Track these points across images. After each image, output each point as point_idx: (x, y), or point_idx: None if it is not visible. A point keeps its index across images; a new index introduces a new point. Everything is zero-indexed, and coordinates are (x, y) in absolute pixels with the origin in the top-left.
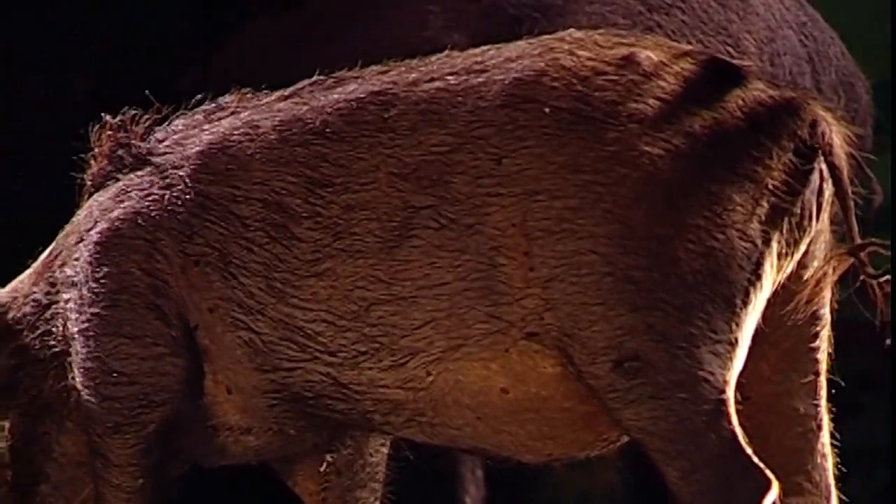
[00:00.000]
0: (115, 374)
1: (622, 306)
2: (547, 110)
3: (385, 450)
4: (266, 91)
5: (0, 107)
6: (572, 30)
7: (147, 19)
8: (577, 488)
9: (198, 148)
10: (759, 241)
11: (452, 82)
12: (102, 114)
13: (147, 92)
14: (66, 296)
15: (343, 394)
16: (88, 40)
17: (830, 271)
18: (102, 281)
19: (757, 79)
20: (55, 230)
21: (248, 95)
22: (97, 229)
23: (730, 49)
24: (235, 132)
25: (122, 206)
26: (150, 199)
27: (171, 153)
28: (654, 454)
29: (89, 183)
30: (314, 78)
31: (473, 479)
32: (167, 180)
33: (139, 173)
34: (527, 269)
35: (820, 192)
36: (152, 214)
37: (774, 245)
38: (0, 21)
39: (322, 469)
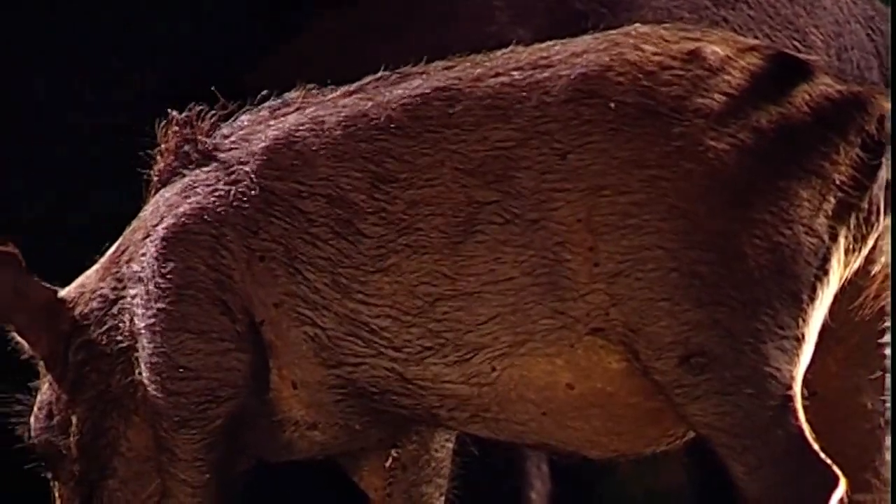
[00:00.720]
0: (181, 370)
1: (688, 302)
2: (612, 105)
3: (450, 445)
4: (331, 87)
5: (65, 104)
6: (638, 24)
7: (213, 16)
8: (643, 484)
9: (263, 144)
10: (825, 237)
11: (517, 77)
12: (169, 110)
13: (213, 88)
14: (132, 291)
15: (408, 389)
16: (155, 38)
17: None
18: (168, 276)
19: (824, 73)
20: (123, 226)
21: (313, 91)
22: (163, 225)
23: (797, 43)
24: (300, 128)
25: (187, 201)
26: (215, 194)
27: (236, 149)
28: (720, 450)
29: (155, 178)
30: (379, 73)
31: (539, 474)
32: (232, 176)
33: (205, 169)
34: (592, 265)
35: (888, 187)
36: (218, 210)
37: (841, 240)
38: (67, 20)
39: (387, 464)
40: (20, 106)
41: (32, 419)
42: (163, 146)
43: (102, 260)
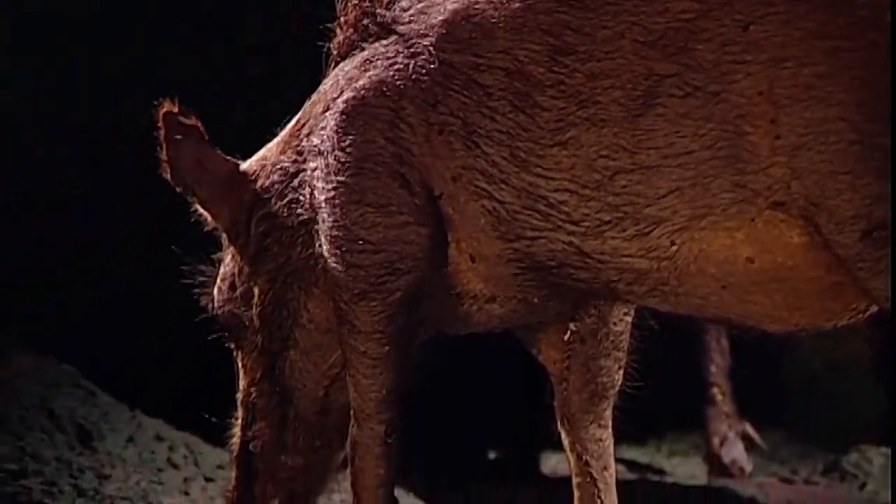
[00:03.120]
0: (360, 243)
1: (871, 174)
2: None
3: (629, 318)
4: None
5: None
6: None
7: None
8: (824, 358)
9: (442, 16)
10: None
11: None
12: None
13: None
14: (312, 164)
15: (586, 263)
16: None
17: None
18: (347, 149)
19: None
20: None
21: None
22: (343, 98)
23: None
24: (479, 0)
25: (367, 75)
26: (394, 68)
27: (415, 22)
28: None
29: (335, 52)
30: None
31: (718, 348)
32: (411, 49)
33: (384, 42)
34: (773, 138)
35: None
36: (397, 83)
37: None
38: None
39: (565, 338)
40: None
41: (216, 290)
42: (342, 19)
43: (283, 133)
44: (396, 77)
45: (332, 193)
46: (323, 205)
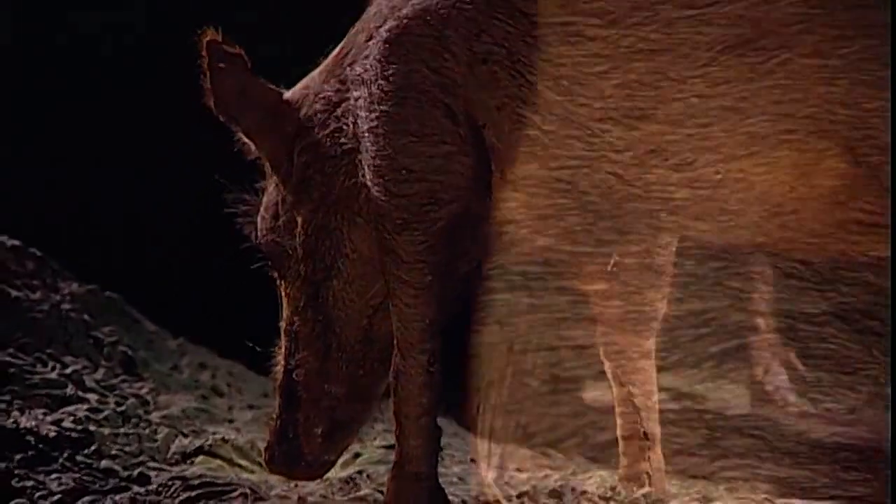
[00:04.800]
0: (403, 172)
1: None
2: None
3: (672, 248)
4: None
5: None
6: None
7: None
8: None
9: None
10: None
11: None
12: None
13: None
14: (355, 93)
15: (629, 193)
16: None
17: None
18: (391, 79)
19: None
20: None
21: None
22: (386, 27)
23: None
24: None
25: (410, 3)
26: None
27: None
28: None
29: None
30: None
31: (762, 276)
32: None
33: None
34: (817, 66)
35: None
36: (440, 12)
37: None
38: None
39: (608, 268)
40: None
41: (259, 220)
42: None
43: (326, 62)
44: (440, 5)
45: (376, 123)
46: (366, 134)
